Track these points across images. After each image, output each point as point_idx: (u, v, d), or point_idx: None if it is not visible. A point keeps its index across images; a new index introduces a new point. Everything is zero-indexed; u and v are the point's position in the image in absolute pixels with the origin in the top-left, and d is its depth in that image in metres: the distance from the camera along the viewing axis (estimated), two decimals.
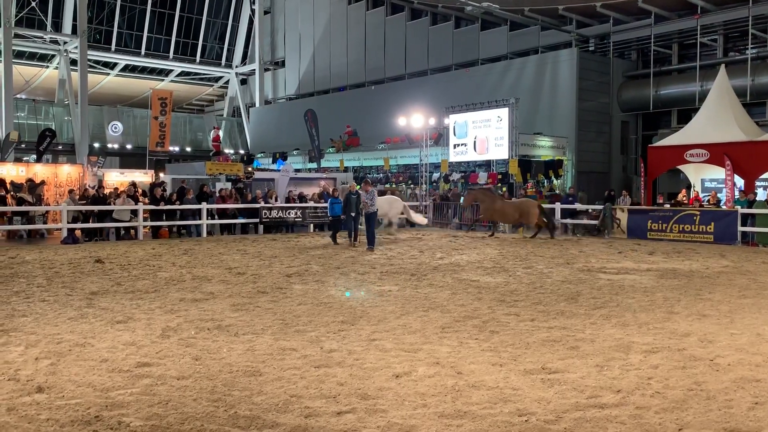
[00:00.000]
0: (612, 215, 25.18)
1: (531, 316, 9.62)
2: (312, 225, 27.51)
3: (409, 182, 36.60)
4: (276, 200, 27.21)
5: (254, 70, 60.37)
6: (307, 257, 17.26)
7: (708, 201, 26.97)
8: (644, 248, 20.38)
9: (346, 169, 39.87)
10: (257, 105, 59.95)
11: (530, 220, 23.70)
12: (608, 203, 26.31)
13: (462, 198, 30.31)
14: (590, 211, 26.51)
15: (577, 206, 26.98)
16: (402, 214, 24.99)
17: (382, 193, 27.98)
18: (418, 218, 25.64)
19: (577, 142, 35.32)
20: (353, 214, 20.46)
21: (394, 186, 35.55)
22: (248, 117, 60.63)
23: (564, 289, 12.01)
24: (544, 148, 33.53)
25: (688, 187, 29.70)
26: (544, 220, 23.80)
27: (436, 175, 35.12)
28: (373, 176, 38.72)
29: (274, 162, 45.11)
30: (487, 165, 33.60)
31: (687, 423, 5.52)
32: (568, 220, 26.58)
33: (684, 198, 28.11)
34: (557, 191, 32.19)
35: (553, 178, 33.01)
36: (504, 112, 31.29)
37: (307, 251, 18.82)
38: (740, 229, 22.57)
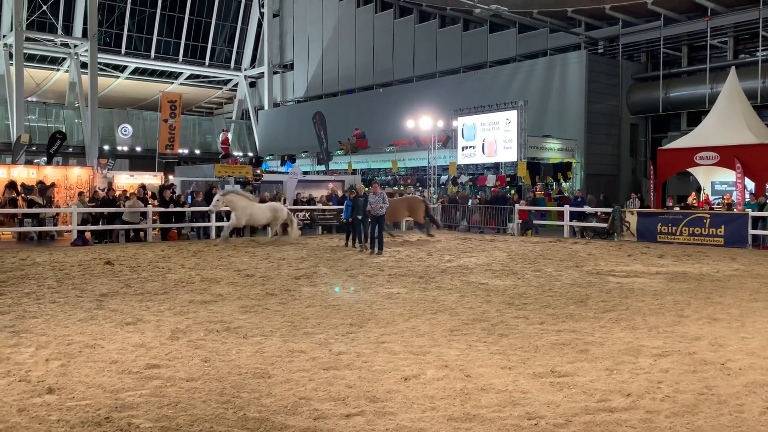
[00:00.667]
0: (621, 218, 24.91)
1: (540, 319, 9.52)
2: (320, 227, 27.14)
3: (417, 185, 36.30)
4: (285, 202, 26.96)
5: (263, 72, 60.41)
6: (315, 260, 17.09)
7: (720, 203, 26.81)
8: (654, 251, 20.08)
9: (354, 172, 39.72)
10: (266, 107, 59.89)
11: (419, 216, 24.31)
12: (617, 206, 26.14)
13: (469, 201, 30.37)
14: (599, 213, 26.27)
15: (586, 209, 26.76)
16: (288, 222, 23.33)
17: (390, 196, 27.74)
18: (295, 231, 23.48)
19: (586, 145, 35.14)
20: (360, 217, 20.19)
21: (401, 188, 35.43)
22: (257, 119, 60.67)
23: (573, 292, 11.87)
24: (552, 151, 33.44)
25: (698, 189, 29.52)
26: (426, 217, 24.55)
27: (444, 178, 34.95)
28: (381, 179, 38.33)
29: (282, 164, 44.88)
30: (495, 167, 33.46)
31: (698, 427, 5.47)
32: (575, 223, 26.21)
33: (694, 201, 27.94)
34: (566, 194, 32.13)
35: (561, 180, 32.79)
36: (513, 115, 31.11)
37: (316, 253, 18.69)
38: (751, 232, 22.38)
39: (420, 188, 35.22)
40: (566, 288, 12.34)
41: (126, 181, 31.33)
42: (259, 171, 34.27)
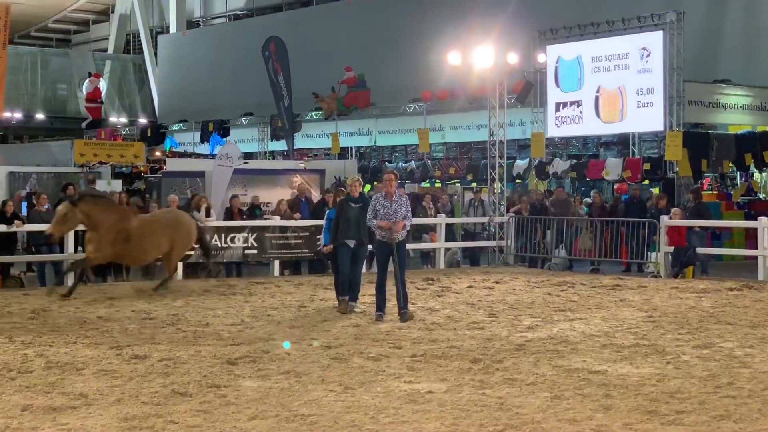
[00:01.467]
0: None
1: None
2: (278, 262, 20.42)
3: (469, 178, 26.56)
4: (208, 214, 19.84)
5: None
6: (267, 323, 13.54)
7: None
8: None
9: (343, 153, 30.81)
10: (172, 30, 44.60)
11: (179, 250, 17.39)
12: None
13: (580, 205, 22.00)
14: None
15: None
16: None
17: (415, 199, 20.31)
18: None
19: None
20: (353, 243, 13.78)
21: (439, 184, 26.92)
22: (155, 54, 45.59)
23: None
24: (735, 111, 24.71)
25: None
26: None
27: (521, 164, 26.26)
28: (397, 165, 29.18)
29: (203, 140, 34.53)
30: (621, 143, 25.16)
31: None
32: None
33: None
34: (761, 194, 24.21)
35: (752, 167, 24.39)
36: (655, 40, 22.62)
37: (269, 314, 14.57)
38: None
39: (475, 185, 25.06)
40: (762, 380, 9.42)
41: None
42: (158, 153, 28.51)
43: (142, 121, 42.64)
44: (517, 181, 26.25)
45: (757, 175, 24.84)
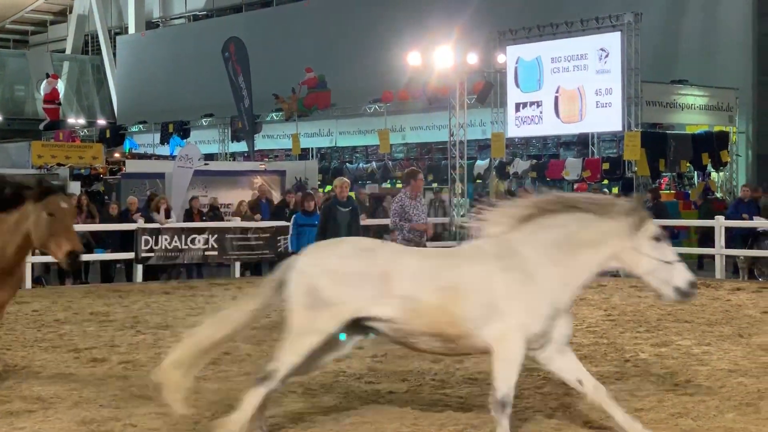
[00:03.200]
0: None
1: None
2: (238, 263, 20.36)
3: (430, 179, 26.28)
4: (168, 216, 20.26)
5: None
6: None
7: None
8: None
9: (304, 154, 30.71)
10: (131, 31, 45.72)
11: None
12: None
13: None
14: None
15: (759, 223, 19.27)
16: None
17: (375, 200, 21.75)
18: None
19: (757, 99, 26.36)
20: None
21: (400, 185, 27.20)
22: (114, 55, 46.25)
23: (734, 388, 8.97)
24: (692, 111, 25.09)
25: None
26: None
27: (482, 164, 26.66)
28: (357, 166, 29.75)
29: (163, 141, 34.75)
30: (580, 143, 25.39)
31: None
32: (737, 251, 19.36)
33: None
34: (718, 194, 24.19)
35: (709, 167, 24.82)
36: (612, 41, 23.05)
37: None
38: None
39: (436, 186, 25.00)
40: (719, 378, 9.60)
41: None
42: (118, 155, 28.66)
43: (101, 122, 42.58)
44: (478, 181, 26.40)
45: (715, 174, 25.17)
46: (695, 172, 25.18)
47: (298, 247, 13.11)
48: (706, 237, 20.02)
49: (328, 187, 20.73)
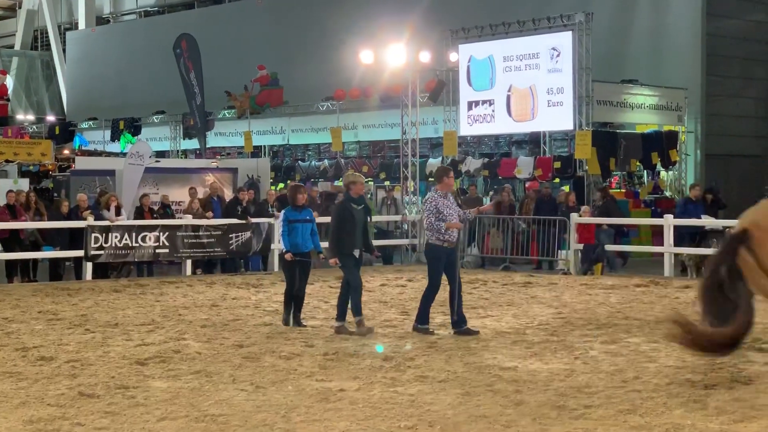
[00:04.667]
0: None
1: None
2: (190, 261, 20.08)
3: (382, 176, 26.82)
4: (118, 213, 19.88)
5: None
6: (178, 323, 13.50)
7: None
8: None
9: (256, 151, 30.87)
10: (81, 27, 45.06)
11: None
12: None
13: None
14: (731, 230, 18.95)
15: (706, 221, 19.64)
16: None
17: (327, 198, 21.11)
18: None
19: (706, 99, 26.64)
20: (358, 252, 12.00)
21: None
22: (64, 50, 45.63)
23: (680, 384, 9.17)
24: (642, 111, 25.19)
25: None
26: None
27: (434, 162, 25.87)
28: (310, 164, 29.64)
29: (114, 139, 34.11)
30: (532, 142, 25.67)
31: None
32: (685, 249, 19.48)
33: None
34: (667, 192, 24.59)
35: (659, 166, 24.91)
36: (565, 40, 22.95)
37: (180, 312, 14.57)
38: None
39: (388, 184, 25.05)
40: (667, 375, 9.75)
41: None
42: (67, 151, 28.67)
43: (50, 118, 41.92)
44: (430, 179, 25.94)
45: (664, 173, 25.39)
46: (645, 171, 25.42)
47: (291, 244, 12.45)
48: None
49: (281, 185, 20.73)
